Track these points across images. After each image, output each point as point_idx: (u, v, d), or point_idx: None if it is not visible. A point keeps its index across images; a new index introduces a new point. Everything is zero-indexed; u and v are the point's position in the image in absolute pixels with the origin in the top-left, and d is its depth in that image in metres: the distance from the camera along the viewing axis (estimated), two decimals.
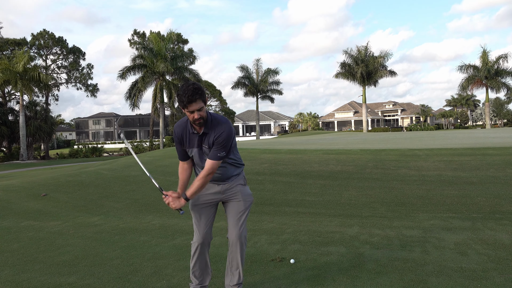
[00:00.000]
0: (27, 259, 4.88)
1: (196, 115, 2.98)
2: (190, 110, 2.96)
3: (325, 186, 8.56)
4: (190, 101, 2.92)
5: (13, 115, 41.18)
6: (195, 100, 2.92)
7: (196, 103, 2.94)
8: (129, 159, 16.45)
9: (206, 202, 3.32)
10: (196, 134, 3.14)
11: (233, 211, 3.31)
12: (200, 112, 2.98)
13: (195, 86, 2.95)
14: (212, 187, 3.30)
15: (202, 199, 3.31)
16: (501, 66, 44.68)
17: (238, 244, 3.26)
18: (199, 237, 3.29)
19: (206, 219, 3.31)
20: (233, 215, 3.30)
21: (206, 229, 3.30)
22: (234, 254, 3.30)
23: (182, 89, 2.94)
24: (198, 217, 3.31)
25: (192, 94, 2.90)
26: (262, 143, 21.02)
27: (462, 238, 4.82)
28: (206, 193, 3.30)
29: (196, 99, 2.92)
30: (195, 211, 3.32)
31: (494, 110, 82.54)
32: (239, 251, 3.28)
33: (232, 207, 3.32)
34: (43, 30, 46.27)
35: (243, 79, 48.53)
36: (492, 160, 9.27)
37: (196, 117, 2.98)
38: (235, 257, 3.30)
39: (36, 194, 10.30)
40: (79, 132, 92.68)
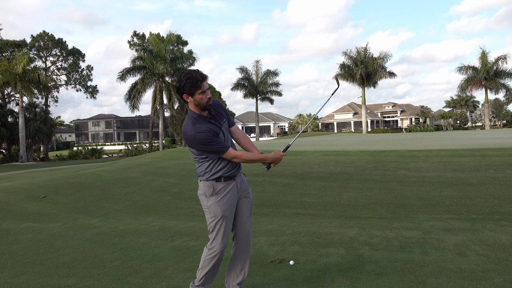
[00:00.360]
0: (26, 261, 4.88)
1: (208, 93, 3.00)
2: (204, 89, 2.96)
3: (325, 188, 8.56)
4: (203, 79, 2.94)
5: (12, 116, 41.19)
6: (205, 79, 2.97)
7: (206, 81, 2.99)
8: (128, 160, 16.45)
9: (233, 205, 3.19)
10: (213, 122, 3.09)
11: (246, 208, 3.28)
12: (209, 91, 3.04)
13: (196, 69, 3.01)
14: (232, 187, 3.17)
15: (230, 202, 3.16)
16: (500, 67, 44.73)
17: (249, 240, 3.28)
18: (223, 246, 3.15)
19: (231, 225, 3.24)
20: (245, 212, 3.28)
21: (229, 236, 3.21)
22: (244, 251, 3.28)
23: (188, 73, 2.96)
24: (229, 223, 3.17)
25: (201, 73, 2.96)
26: (262, 144, 21.03)
27: (462, 239, 4.82)
28: (230, 195, 3.16)
29: (206, 78, 2.99)
30: (226, 217, 3.13)
31: (493, 111, 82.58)
32: (249, 248, 3.31)
33: (245, 204, 3.28)
34: (42, 32, 46.31)
35: (242, 80, 48.54)
36: (491, 161, 9.28)
37: (209, 96, 3.00)
38: (245, 254, 3.28)
39: (35, 196, 10.29)
40: (78, 134, 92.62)
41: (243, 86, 48.59)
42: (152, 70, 36.12)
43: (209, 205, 3.13)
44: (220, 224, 3.12)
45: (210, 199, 3.13)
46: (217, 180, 3.12)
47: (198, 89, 2.93)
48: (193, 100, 2.99)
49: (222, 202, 3.12)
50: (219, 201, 3.12)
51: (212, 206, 3.12)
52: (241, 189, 3.26)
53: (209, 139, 2.99)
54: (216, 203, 3.11)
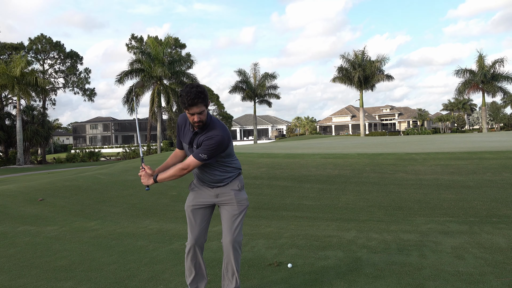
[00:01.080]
0: (24, 264, 4.86)
1: (196, 118, 2.98)
2: (191, 112, 2.98)
3: (323, 190, 8.57)
4: (192, 104, 2.92)
5: (10, 119, 41.11)
6: (196, 104, 2.92)
7: (197, 106, 2.93)
8: (126, 163, 16.42)
9: (200, 204, 3.32)
10: (192, 131, 3.18)
11: (227, 216, 3.28)
12: (200, 116, 2.98)
13: (198, 89, 2.93)
14: (206, 190, 3.32)
15: (196, 201, 3.33)
16: (497, 71, 44.90)
17: (231, 249, 3.24)
18: (192, 239, 3.30)
19: (200, 221, 3.32)
20: (226, 220, 3.28)
21: (199, 230, 3.30)
22: (228, 259, 3.29)
23: (186, 90, 2.94)
24: (192, 218, 3.32)
25: (194, 97, 2.90)
26: (260, 147, 21.03)
27: (459, 242, 4.83)
28: (200, 196, 3.34)
29: (197, 102, 2.92)
30: (189, 212, 3.34)
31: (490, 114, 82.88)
32: (233, 257, 3.26)
33: (226, 212, 3.29)
34: (40, 35, 46.29)
35: (240, 83, 48.58)
36: (488, 164, 9.30)
37: (195, 120, 2.99)
38: (229, 262, 3.28)
39: (32, 199, 10.26)
40: (76, 137, 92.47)
41: (241, 89, 48.63)
42: (150, 73, 36.12)
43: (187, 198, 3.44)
44: (187, 217, 3.36)
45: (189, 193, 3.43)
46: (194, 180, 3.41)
47: (186, 109, 2.99)
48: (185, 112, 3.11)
49: (190, 198, 3.37)
50: (189, 197, 3.39)
51: (186, 200, 3.42)
52: (219, 196, 3.30)
53: (176, 127, 3.34)
54: (187, 199, 3.41)
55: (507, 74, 44.81)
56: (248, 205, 3.41)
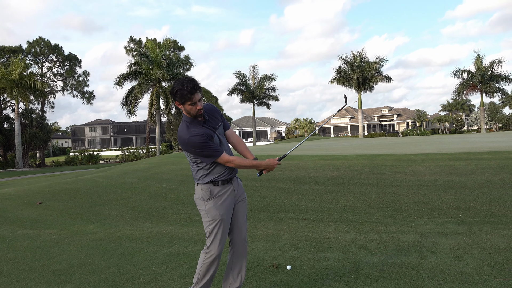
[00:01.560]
0: (23, 268, 4.85)
1: (198, 105, 3.01)
2: (194, 101, 2.98)
3: (322, 192, 8.57)
4: (193, 91, 2.95)
5: (8, 122, 41.05)
6: (196, 91, 2.97)
7: (197, 93, 2.98)
8: (125, 166, 16.41)
9: (231, 209, 3.21)
10: (204, 126, 3.11)
11: (242, 212, 3.29)
12: (200, 103, 3.04)
13: (191, 78, 3.01)
14: (230, 192, 3.20)
15: (227, 206, 3.18)
16: (495, 71, 44.97)
17: (245, 244, 3.30)
18: (220, 249, 3.15)
19: (228, 229, 3.23)
20: (242, 216, 3.29)
21: (225, 239, 3.22)
22: (241, 256, 3.28)
23: (180, 82, 2.96)
24: (226, 227, 3.18)
25: (193, 86, 2.96)
26: (259, 149, 21.03)
27: (458, 243, 4.84)
28: (228, 199, 3.19)
29: (196, 89, 2.98)
30: (224, 220, 3.15)
31: (489, 114, 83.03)
32: (245, 254, 3.30)
33: (241, 208, 3.29)
34: (39, 38, 46.24)
35: (239, 85, 48.58)
36: (487, 164, 9.32)
37: (199, 107, 3.01)
38: (239, 260, 3.28)
39: (31, 202, 10.24)
40: (75, 140, 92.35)
41: (239, 91, 48.62)
42: (148, 76, 36.11)
43: (207, 208, 3.14)
44: (218, 227, 3.13)
45: (208, 202, 3.14)
46: (214, 184, 3.15)
47: (188, 100, 2.97)
48: (184, 108, 3.05)
49: (220, 206, 3.14)
50: (217, 205, 3.14)
51: (211, 210, 3.13)
52: (238, 193, 3.28)
53: (203, 143, 3.02)
54: (214, 207, 3.13)
55: (505, 74, 44.89)
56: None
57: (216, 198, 3.15)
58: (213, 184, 3.15)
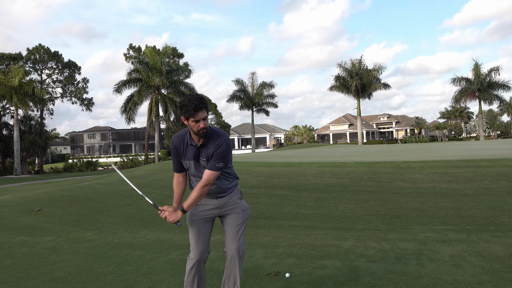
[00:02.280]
0: (20, 275, 4.83)
1: (201, 124, 3.03)
2: (197, 119, 3.01)
3: (320, 199, 8.57)
4: (197, 109, 2.98)
5: (7, 129, 41.06)
6: (201, 109, 3.00)
7: (202, 112, 3.01)
8: (124, 173, 16.38)
9: (204, 217, 3.29)
10: (194, 146, 3.16)
11: (232, 224, 3.29)
12: (205, 122, 3.05)
13: (199, 96, 3.06)
14: (210, 202, 3.29)
15: (200, 214, 3.29)
16: (493, 79, 45.20)
17: (237, 257, 3.25)
18: (197, 253, 3.23)
19: (204, 234, 3.28)
20: (231, 228, 3.29)
21: (204, 244, 3.26)
22: (232, 268, 3.27)
23: (187, 98, 3.02)
24: (197, 232, 3.26)
25: (199, 103, 2.99)
26: (258, 156, 21.04)
27: (457, 251, 4.83)
28: (204, 208, 3.29)
29: (202, 107, 3.01)
30: (193, 227, 3.28)
31: (487, 122, 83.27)
32: (238, 265, 3.26)
33: (231, 220, 3.30)
34: (38, 45, 46.39)
35: (238, 92, 48.72)
36: (486, 172, 9.33)
37: (201, 126, 3.03)
38: (233, 271, 3.27)
39: (30, 209, 10.21)
40: (74, 146, 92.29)
41: (238, 98, 48.75)
42: (148, 82, 36.18)
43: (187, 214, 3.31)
44: (191, 232, 3.27)
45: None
46: None
47: (191, 116, 3.02)
48: (188, 124, 3.10)
49: (193, 213, 3.28)
50: (191, 212, 3.29)
51: (187, 216, 3.31)
52: (225, 205, 3.31)
53: (172, 150, 3.25)
54: (189, 213, 3.29)
55: (503, 82, 45.12)
56: (250, 214, 3.42)
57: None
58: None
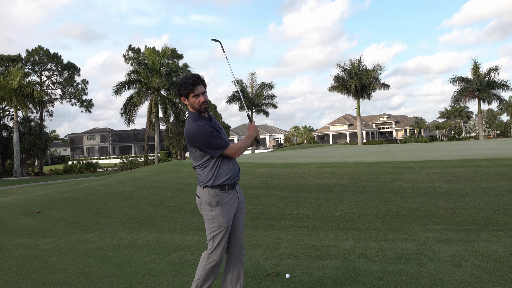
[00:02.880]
0: (20, 277, 4.82)
1: (202, 97, 3.11)
2: (196, 93, 3.09)
3: (320, 200, 8.57)
4: (195, 84, 3.08)
5: (7, 131, 41.04)
6: (199, 84, 3.10)
7: (200, 86, 3.11)
8: (123, 174, 16.38)
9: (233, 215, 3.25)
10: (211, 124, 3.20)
11: (241, 219, 3.31)
12: (204, 96, 3.13)
13: (195, 74, 3.16)
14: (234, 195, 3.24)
15: (233, 214, 3.23)
16: (492, 78, 45.22)
17: (243, 252, 3.32)
18: (221, 255, 3.16)
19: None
20: (240, 223, 3.30)
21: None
22: (239, 262, 3.29)
23: (184, 77, 3.13)
24: (228, 232, 3.20)
25: (196, 78, 3.10)
26: (257, 157, 21.03)
27: (457, 250, 4.83)
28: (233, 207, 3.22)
29: (199, 82, 3.11)
30: (229, 228, 3.20)
31: (487, 121, 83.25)
32: (243, 259, 3.32)
33: (240, 215, 3.31)
34: (38, 47, 46.38)
35: (237, 93, 48.74)
36: (485, 171, 9.33)
37: (202, 100, 3.10)
38: (240, 265, 3.29)
39: (29, 211, 10.20)
40: (73, 148, 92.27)
41: (238, 98, 48.76)
42: (147, 84, 36.19)
43: (214, 215, 3.12)
44: (223, 234, 3.14)
45: (215, 209, 3.13)
46: (222, 189, 3.14)
47: (191, 92, 3.09)
48: (188, 102, 3.14)
49: (227, 212, 3.16)
50: (224, 212, 3.15)
51: (218, 217, 3.13)
52: (240, 199, 3.31)
53: (211, 132, 3.10)
54: (221, 214, 3.13)
55: (502, 81, 45.13)
56: None
57: (223, 205, 3.15)
58: (221, 189, 3.14)
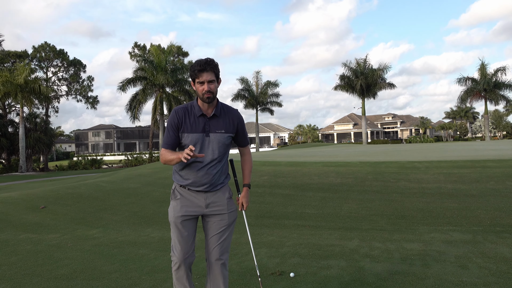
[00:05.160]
0: (25, 272, 4.84)
1: (206, 86, 2.79)
2: (201, 80, 2.79)
3: (325, 199, 8.54)
4: (202, 70, 2.77)
5: (12, 127, 41.23)
6: (206, 70, 2.78)
7: (208, 73, 2.79)
8: (128, 171, 16.43)
9: (190, 214, 2.89)
10: (204, 117, 2.88)
11: (216, 228, 2.90)
12: (210, 85, 2.80)
13: (209, 58, 2.83)
14: (195, 198, 2.90)
15: (185, 210, 2.88)
16: (499, 79, 44.90)
17: (219, 268, 2.88)
18: (182, 255, 2.86)
19: (189, 234, 2.89)
20: (214, 232, 2.90)
21: (189, 245, 2.89)
22: (216, 281, 2.89)
23: (197, 60, 2.83)
24: (182, 231, 2.87)
25: (205, 63, 2.78)
26: (262, 155, 21.01)
27: (463, 251, 4.80)
28: (189, 205, 2.90)
29: (208, 69, 2.78)
30: (177, 224, 2.88)
31: (493, 122, 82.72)
32: (222, 277, 2.88)
33: (215, 223, 2.91)
34: (44, 43, 46.60)
35: (242, 91, 48.70)
36: (492, 172, 9.26)
37: (205, 89, 2.79)
38: (219, 281, 2.88)
39: (34, 206, 10.25)
40: (78, 144, 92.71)
41: (243, 97, 48.73)
42: (152, 81, 36.26)
43: (168, 208, 2.98)
44: (174, 231, 2.90)
45: (171, 202, 2.97)
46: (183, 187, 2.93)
47: (196, 78, 2.80)
48: (195, 88, 2.86)
49: (176, 207, 2.90)
50: (175, 208, 2.91)
51: (169, 211, 2.95)
52: (211, 204, 2.92)
53: (169, 124, 2.90)
54: (172, 208, 2.93)
55: (509, 82, 44.76)
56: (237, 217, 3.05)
57: (176, 200, 2.93)
58: (180, 185, 2.94)
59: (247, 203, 3.10)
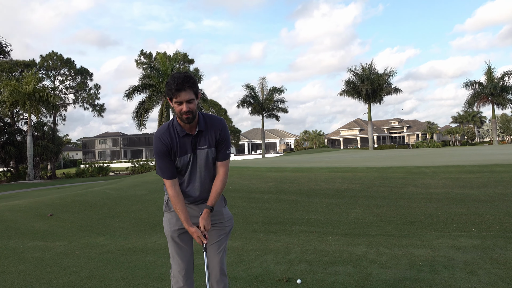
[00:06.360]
0: (33, 280, 4.86)
1: (184, 107, 2.57)
2: (178, 100, 2.56)
3: (332, 205, 8.51)
4: (179, 89, 2.54)
5: (21, 135, 41.64)
6: (184, 89, 2.55)
7: (186, 92, 2.56)
8: (135, 178, 16.48)
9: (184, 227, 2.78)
10: (189, 135, 2.69)
11: (214, 234, 2.80)
12: (189, 105, 2.58)
13: (186, 74, 2.61)
14: (193, 208, 2.81)
15: (179, 224, 2.78)
16: (506, 83, 44.66)
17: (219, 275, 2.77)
18: (182, 269, 2.77)
19: (188, 247, 2.82)
20: (213, 239, 2.80)
21: (189, 258, 2.81)
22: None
23: (172, 76, 2.60)
24: (180, 244, 2.79)
25: (182, 82, 2.55)
26: (268, 161, 21.00)
27: (472, 257, 4.75)
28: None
29: (186, 87, 2.56)
30: (174, 238, 2.79)
31: (500, 126, 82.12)
32: (222, 285, 2.77)
33: (213, 230, 2.80)
34: (51, 52, 47.13)
35: (248, 97, 48.86)
36: (500, 177, 9.18)
37: (184, 110, 2.57)
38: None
39: (42, 214, 10.31)
40: (85, 152, 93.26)
41: (249, 103, 48.88)
42: (158, 88, 36.49)
43: (163, 221, 2.88)
44: (170, 245, 2.82)
45: (165, 214, 2.86)
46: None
47: (173, 97, 2.59)
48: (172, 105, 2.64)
49: (171, 220, 2.80)
50: (168, 219, 2.83)
51: (164, 224, 2.86)
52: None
53: (157, 151, 2.68)
54: (167, 221, 2.83)
55: None
56: (233, 226, 2.95)
57: (170, 213, 2.81)
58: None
59: (208, 226, 2.71)
